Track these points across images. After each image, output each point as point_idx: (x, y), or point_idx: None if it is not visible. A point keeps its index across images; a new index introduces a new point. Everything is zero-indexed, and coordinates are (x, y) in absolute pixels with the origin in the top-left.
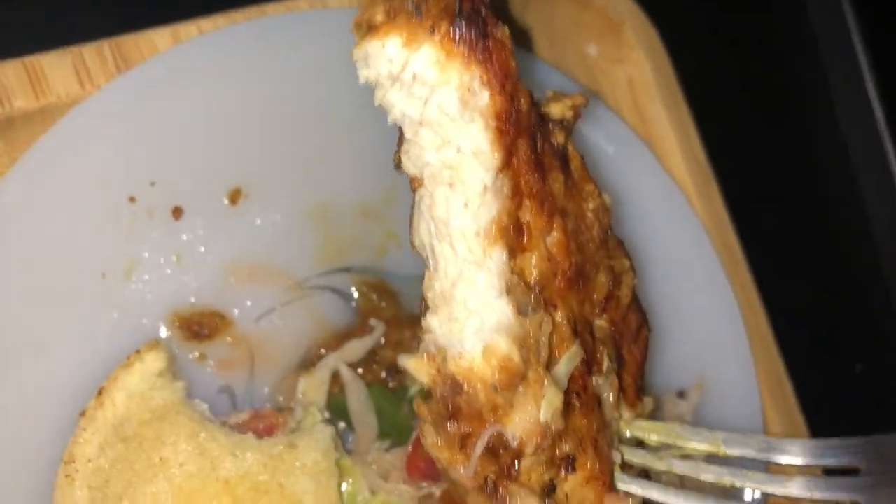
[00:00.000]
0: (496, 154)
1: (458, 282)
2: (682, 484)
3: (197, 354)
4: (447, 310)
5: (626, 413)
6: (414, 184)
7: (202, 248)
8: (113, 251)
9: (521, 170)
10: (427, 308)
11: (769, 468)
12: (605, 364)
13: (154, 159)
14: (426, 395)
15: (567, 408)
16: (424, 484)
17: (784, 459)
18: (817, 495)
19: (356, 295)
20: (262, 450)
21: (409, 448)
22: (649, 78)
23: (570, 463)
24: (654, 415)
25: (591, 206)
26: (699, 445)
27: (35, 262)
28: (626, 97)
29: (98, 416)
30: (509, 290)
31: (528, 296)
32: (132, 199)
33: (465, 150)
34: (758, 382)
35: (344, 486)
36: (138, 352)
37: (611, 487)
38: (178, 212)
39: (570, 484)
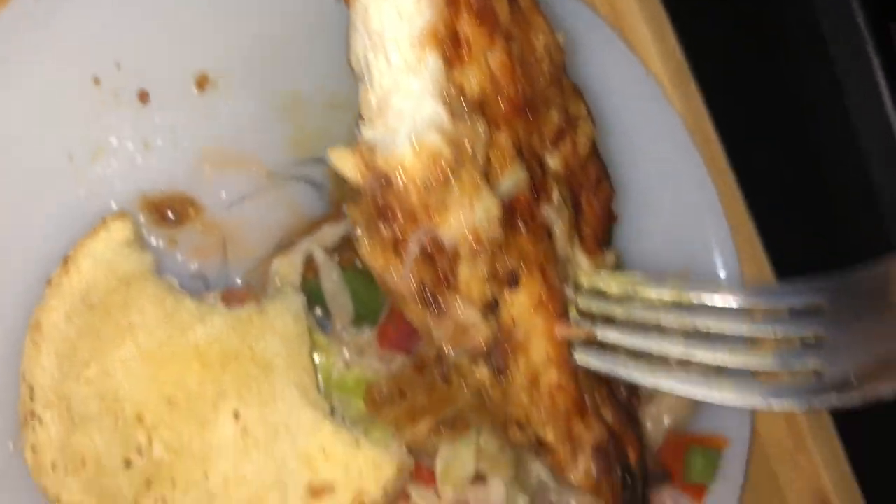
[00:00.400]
0: None
1: (393, 91)
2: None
3: (167, 240)
4: (382, 120)
5: (585, 261)
6: None
7: (171, 135)
8: (78, 133)
9: None
10: (362, 122)
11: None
12: (556, 197)
13: (118, 40)
14: (357, 196)
15: (511, 228)
16: (396, 355)
17: (748, 302)
18: (780, 332)
19: (329, 185)
20: (231, 315)
21: (382, 318)
22: None
23: (512, 279)
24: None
25: (541, 39)
26: (662, 293)
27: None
28: None
29: (64, 283)
30: (445, 98)
31: (465, 107)
32: (96, 81)
33: None
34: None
35: (318, 359)
36: (104, 220)
37: (562, 318)
38: (144, 96)
39: (517, 308)
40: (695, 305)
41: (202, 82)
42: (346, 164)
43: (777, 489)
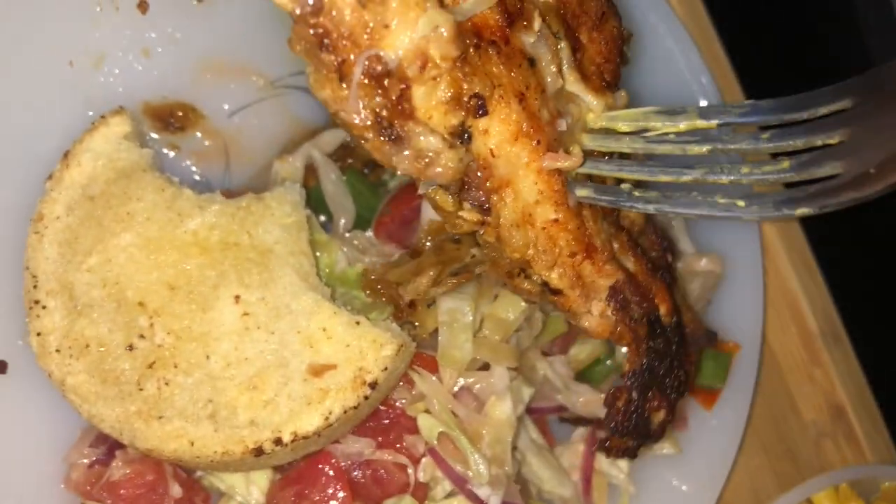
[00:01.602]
0: None
1: None
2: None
3: (170, 146)
4: None
5: (593, 100)
6: None
7: (170, 44)
8: (79, 40)
9: None
10: None
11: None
12: (537, 25)
13: None
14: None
15: (476, 50)
16: (394, 247)
17: (768, 119)
18: (800, 142)
19: None
20: (230, 203)
21: (379, 210)
22: None
23: (479, 105)
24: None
25: None
26: (675, 124)
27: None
28: None
29: (64, 177)
30: None
31: None
32: None
33: None
34: None
35: (323, 256)
36: (103, 116)
37: (551, 149)
38: (143, 6)
39: (494, 138)
40: (712, 129)
41: None
42: None
43: (791, 401)
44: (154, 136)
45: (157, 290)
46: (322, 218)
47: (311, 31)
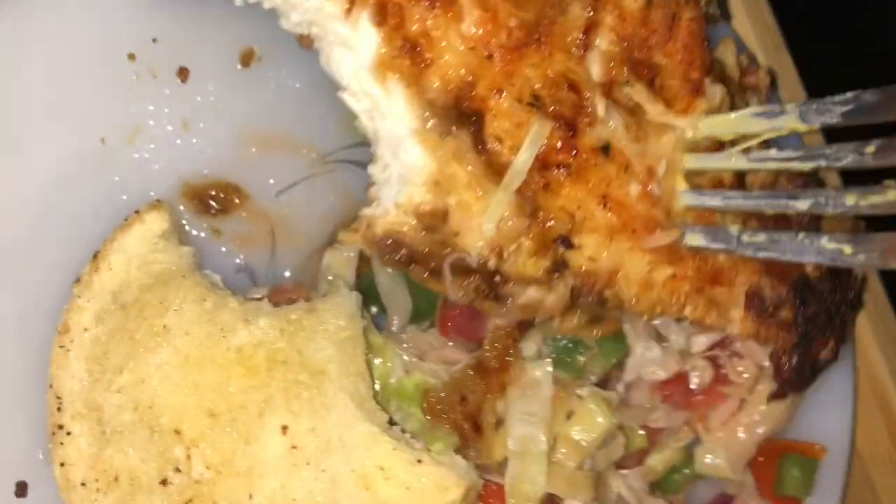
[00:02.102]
0: None
1: (375, 126)
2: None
3: (211, 230)
4: (378, 156)
5: (685, 122)
6: (305, 42)
7: (213, 114)
8: (112, 114)
9: None
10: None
11: None
12: (601, 109)
13: (154, 11)
14: None
15: (545, 189)
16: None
17: (875, 117)
18: None
19: None
20: (279, 315)
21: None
22: None
23: (564, 241)
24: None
25: None
26: (775, 127)
27: (25, 120)
28: None
29: (94, 281)
30: (421, 122)
31: (447, 113)
32: (132, 57)
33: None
34: None
35: (377, 362)
36: (137, 212)
37: (649, 227)
38: (184, 73)
39: (588, 250)
40: (814, 144)
41: (247, 58)
42: (350, 242)
43: (874, 496)
44: (192, 220)
45: (196, 417)
46: (373, 309)
47: (398, 261)
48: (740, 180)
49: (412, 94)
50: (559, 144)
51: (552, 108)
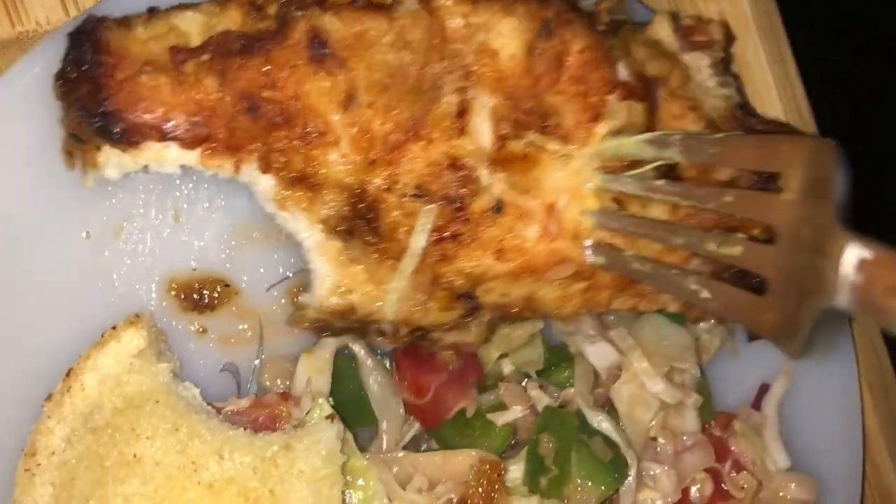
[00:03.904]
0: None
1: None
2: None
3: (197, 327)
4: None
5: (582, 150)
6: None
7: (206, 204)
8: (98, 206)
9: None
10: None
11: None
12: (483, 175)
13: None
14: None
15: (443, 260)
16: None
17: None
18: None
19: None
20: (254, 451)
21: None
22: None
23: (467, 296)
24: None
25: (378, 36)
26: (668, 154)
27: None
28: None
29: (65, 402)
30: (323, 234)
31: (345, 217)
32: None
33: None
34: None
35: (351, 496)
36: (114, 328)
37: (554, 261)
38: None
39: (496, 292)
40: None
41: None
42: (297, 326)
43: None
44: (179, 317)
45: None
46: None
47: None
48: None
49: (311, 214)
50: (451, 220)
51: (437, 191)
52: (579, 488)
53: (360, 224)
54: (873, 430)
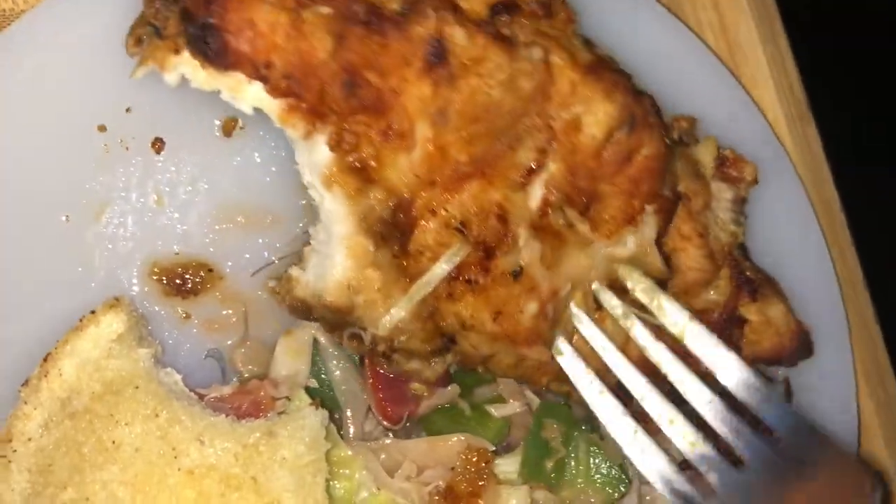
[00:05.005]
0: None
1: (318, 206)
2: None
3: (180, 313)
4: (317, 228)
5: (603, 242)
6: None
7: (189, 187)
8: (78, 188)
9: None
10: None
11: None
12: (522, 240)
13: (128, 80)
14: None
15: (449, 297)
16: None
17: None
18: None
19: None
20: (236, 437)
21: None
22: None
23: (449, 338)
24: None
25: (494, 68)
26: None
27: None
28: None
29: (42, 387)
30: (354, 228)
31: (381, 221)
32: (102, 128)
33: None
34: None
35: (337, 486)
36: (93, 312)
37: (532, 341)
38: (158, 144)
39: (470, 342)
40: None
41: (229, 127)
42: (273, 295)
43: None
44: (162, 302)
45: None
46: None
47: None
48: None
49: (352, 205)
50: (473, 265)
51: (477, 233)
52: (581, 485)
53: (395, 234)
54: (869, 416)
